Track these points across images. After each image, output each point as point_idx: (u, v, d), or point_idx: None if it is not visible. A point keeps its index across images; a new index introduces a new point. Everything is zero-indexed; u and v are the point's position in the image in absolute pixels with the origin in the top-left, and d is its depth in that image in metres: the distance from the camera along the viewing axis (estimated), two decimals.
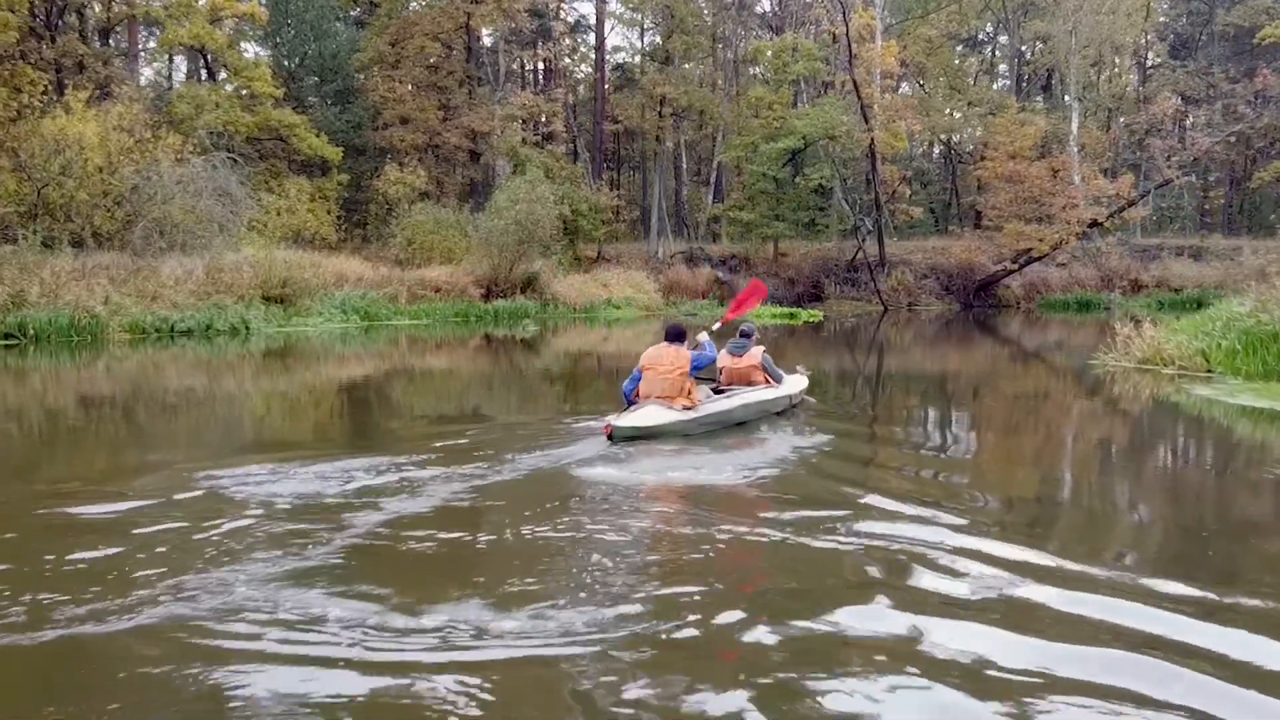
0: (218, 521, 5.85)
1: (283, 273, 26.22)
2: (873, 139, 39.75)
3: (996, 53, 64.15)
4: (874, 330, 30.94)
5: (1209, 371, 13.70)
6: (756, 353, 10.59)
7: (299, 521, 5.84)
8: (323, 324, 26.56)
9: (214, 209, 28.17)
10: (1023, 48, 55.59)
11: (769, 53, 45.74)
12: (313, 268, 28.47)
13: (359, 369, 18.38)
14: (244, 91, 38.93)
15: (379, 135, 42.35)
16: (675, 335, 9.52)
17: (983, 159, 44.38)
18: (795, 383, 11.19)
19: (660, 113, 46.57)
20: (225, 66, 38.46)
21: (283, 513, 6.10)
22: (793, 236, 44.61)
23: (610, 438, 8.55)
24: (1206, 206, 48.31)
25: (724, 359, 10.74)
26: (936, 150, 64.23)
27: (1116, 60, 50.95)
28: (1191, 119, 49.93)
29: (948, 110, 52.54)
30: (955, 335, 28.58)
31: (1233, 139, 40.38)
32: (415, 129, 42.02)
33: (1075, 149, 42.89)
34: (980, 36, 63.25)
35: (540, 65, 59.61)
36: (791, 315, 34.67)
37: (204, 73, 41.78)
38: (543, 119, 46.57)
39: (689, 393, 9.29)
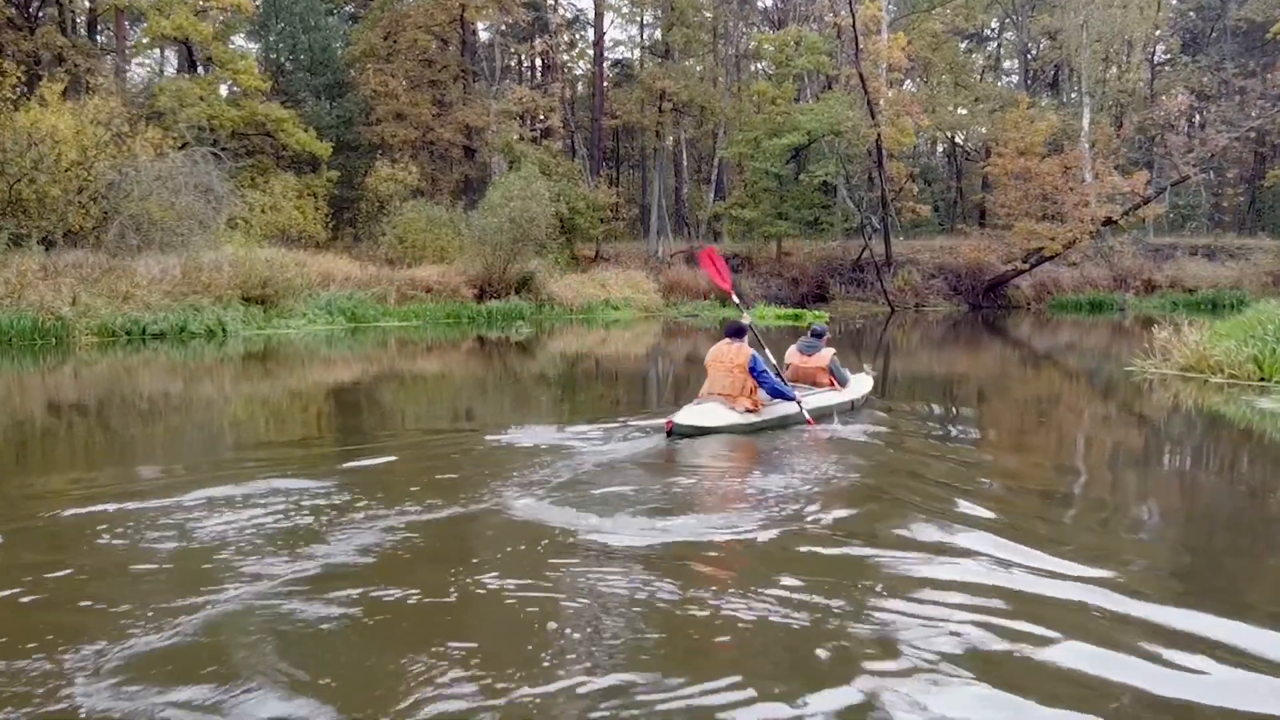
0: (82, 575, 4.66)
1: (264, 272, 24.97)
2: (879, 134, 38.50)
3: (1001, 49, 63.00)
4: (881, 332, 29.86)
5: (1264, 380, 12.48)
6: (826, 354, 10.60)
7: (193, 576, 4.59)
8: (305, 326, 25.34)
9: (194, 205, 27.04)
10: (1029, 43, 54.29)
11: (771, 46, 44.42)
12: (297, 267, 27.26)
13: (339, 374, 17.18)
14: (235, 88, 37.83)
15: (370, 130, 41.15)
16: (734, 332, 9.36)
17: (990, 155, 43.16)
18: (860, 384, 11.08)
19: (660, 108, 45.23)
20: (211, 59, 37.18)
21: (179, 560, 4.87)
22: (796, 235, 43.36)
23: (670, 434, 8.46)
24: (1224, 205, 46.96)
25: (793, 356, 10.78)
26: (940, 148, 63.11)
27: (1128, 55, 49.68)
28: (1200, 116, 48.76)
29: (951, 106, 51.24)
30: (970, 338, 27.40)
31: (1252, 134, 39.05)
32: (408, 124, 40.82)
33: (1087, 145, 41.68)
34: (985, 33, 62.07)
35: (538, 61, 58.39)
36: (796, 317, 33.42)
37: (192, 66, 40.52)
38: (540, 116, 45.29)
39: (751, 392, 9.16)
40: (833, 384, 10.58)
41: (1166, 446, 9.64)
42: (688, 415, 8.68)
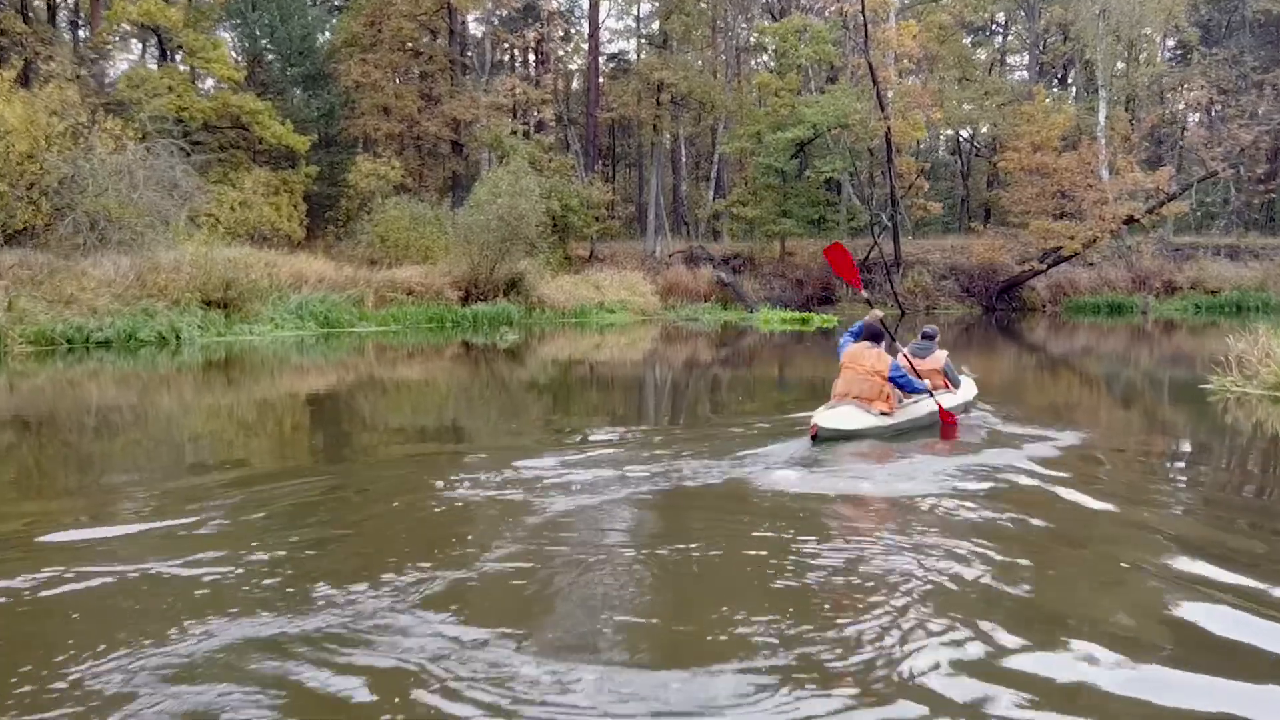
0: None
1: (226, 273, 22.91)
2: (889, 128, 36.46)
3: (1008, 43, 60.97)
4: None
5: None
6: (940, 356, 10.40)
7: None
8: (271, 332, 23.29)
9: (157, 201, 25.02)
10: (1042, 36, 52.26)
11: (773, 37, 42.22)
12: (266, 267, 25.31)
13: (303, 385, 15.30)
14: (221, 84, 35.79)
15: (352, 124, 39.06)
16: (874, 336, 9.27)
17: (1004, 150, 41.13)
18: (969, 387, 10.92)
19: (658, 100, 43.05)
20: (180, 48, 35.02)
21: None
22: (800, 235, 41.31)
23: (815, 438, 8.36)
24: (1256, 201, 44.83)
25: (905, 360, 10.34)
26: (942, 144, 61.19)
27: (1147, 46, 47.72)
28: (1220, 109, 46.85)
29: (957, 101, 49.18)
30: (992, 342, 25.47)
31: None
32: (393, 118, 38.77)
33: (1103, 140, 39.71)
34: (992, 27, 60.08)
35: (531, 57, 56.28)
36: (803, 321, 31.41)
37: (164, 56, 38.41)
38: (534, 112, 43.20)
39: (887, 396, 9.07)
40: (946, 385, 10.32)
41: None
42: (830, 419, 8.54)
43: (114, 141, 25.38)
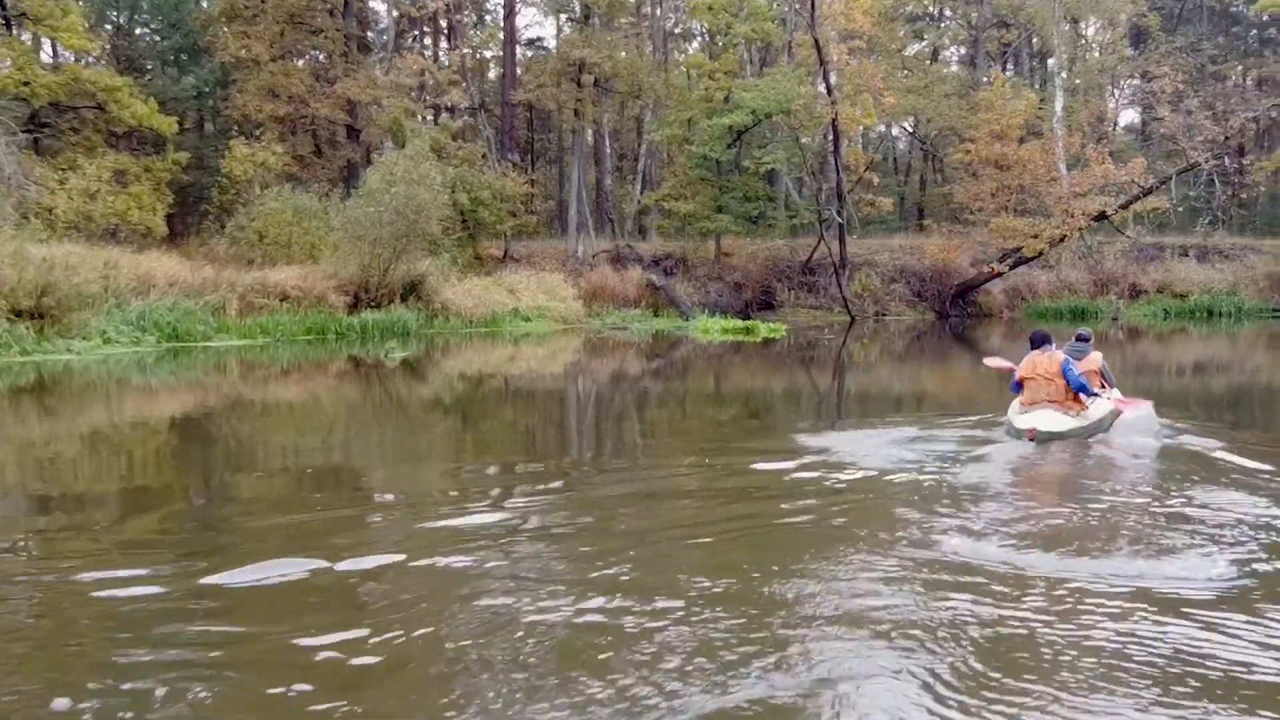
0: None
1: (41, 276, 18.28)
2: (836, 115, 32.73)
3: (944, 30, 57.93)
4: (841, 345, 25.15)
5: None
6: (1096, 357, 10.17)
7: None
8: (98, 348, 18.70)
9: None
10: (988, 22, 49.28)
11: (707, 12, 38.05)
12: (105, 268, 20.77)
13: (130, 414, 11.30)
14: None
15: (232, 105, 34.23)
16: (1042, 340, 9.55)
17: (961, 141, 37.84)
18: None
19: (579, 82, 38.56)
20: (24, 14, 29.91)
21: None
22: (738, 232, 37.40)
23: (1034, 439, 8.77)
24: (1243, 198, 42.04)
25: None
26: (876, 139, 58.11)
27: (1105, 31, 45.08)
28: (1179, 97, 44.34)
29: (900, 92, 45.92)
30: (955, 355, 22.20)
31: (1275, 113, 34.03)
32: (279, 99, 33.96)
33: (1060, 131, 36.56)
34: (927, 19, 57.03)
35: (442, 42, 51.52)
36: (748, 330, 27.48)
37: (7, 26, 33.23)
38: (445, 98, 38.61)
39: (1076, 397, 9.26)
40: (1104, 386, 10.19)
41: None
42: (1043, 421, 8.87)
43: None
